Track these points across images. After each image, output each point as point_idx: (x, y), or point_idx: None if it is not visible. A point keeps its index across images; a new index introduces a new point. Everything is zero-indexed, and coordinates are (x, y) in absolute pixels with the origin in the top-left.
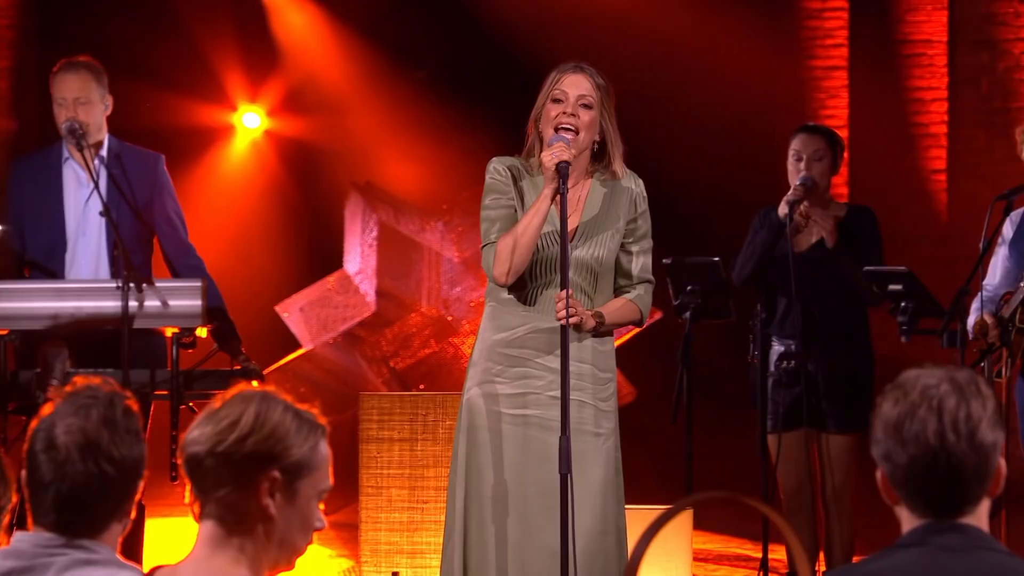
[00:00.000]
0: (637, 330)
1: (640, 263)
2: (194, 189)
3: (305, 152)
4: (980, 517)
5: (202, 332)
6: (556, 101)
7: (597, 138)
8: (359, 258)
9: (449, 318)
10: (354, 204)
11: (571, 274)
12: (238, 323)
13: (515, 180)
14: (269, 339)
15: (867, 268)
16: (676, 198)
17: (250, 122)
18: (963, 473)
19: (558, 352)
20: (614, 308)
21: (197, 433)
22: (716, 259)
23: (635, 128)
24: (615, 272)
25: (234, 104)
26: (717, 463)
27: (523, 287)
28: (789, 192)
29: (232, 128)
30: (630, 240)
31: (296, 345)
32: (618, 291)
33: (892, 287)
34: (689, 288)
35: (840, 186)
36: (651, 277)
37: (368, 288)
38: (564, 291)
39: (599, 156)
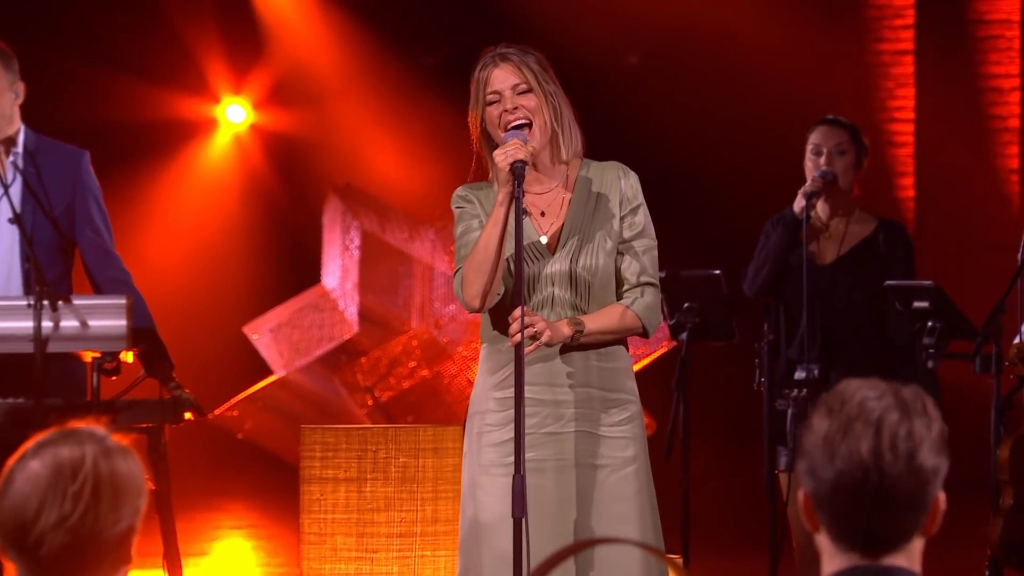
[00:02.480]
0: (652, 357)
1: (637, 265)
2: (168, 189)
3: (294, 148)
4: (912, 557)
5: (127, 356)
6: (492, 103)
7: (551, 120)
8: (339, 271)
9: (443, 340)
10: (333, 210)
11: (556, 289)
12: (205, 344)
13: (481, 203)
14: (240, 363)
15: (889, 283)
16: (718, 207)
17: (234, 115)
18: (896, 498)
19: (552, 382)
20: (600, 313)
21: (57, 514)
22: (716, 272)
23: (670, 127)
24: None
25: (217, 96)
26: (719, 503)
27: (507, 315)
28: (806, 184)
29: (215, 122)
30: (625, 241)
31: (270, 370)
32: (620, 299)
33: (917, 304)
34: (686, 305)
35: (907, 188)
36: (654, 280)
37: (349, 306)
38: (519, 308)
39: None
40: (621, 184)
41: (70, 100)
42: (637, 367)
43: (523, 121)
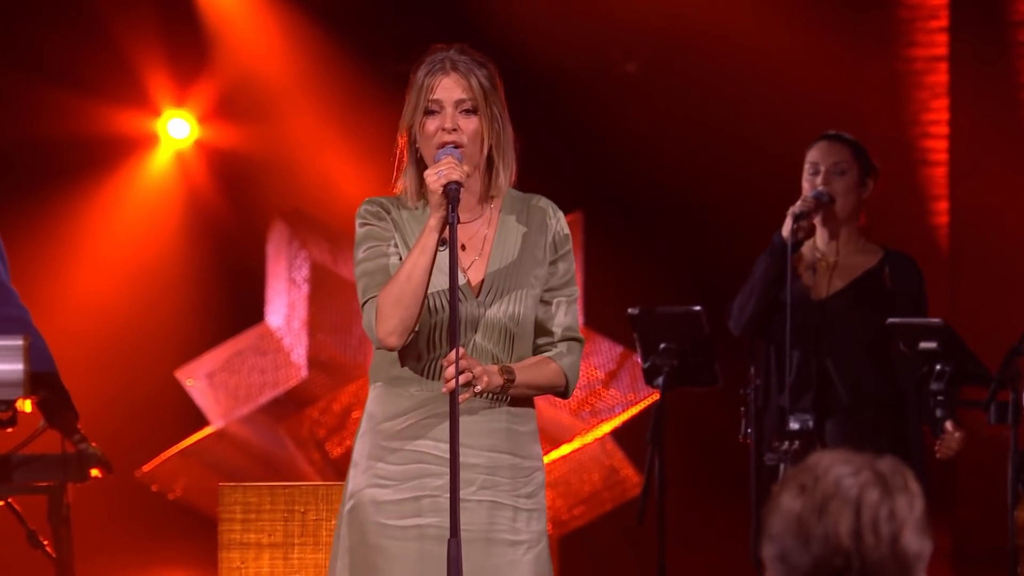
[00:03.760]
0: (641, 406)
1: (562, 317)
2: (100, 212)
3: (243, 167)
4: None
5: (25, 405)
6: (431, 113)
7: (491, 147)
8: (284, 308)
9: None
10: (278, 238)
11: (477, 337)
12: (132, 390)
13: (394, 222)
14: (172, 412)
15: (892, 320)
16: (722, 232)
17: (176, 130)
18: None
19: (460, 441)
20: (529, 364)
21: None
22: (697, 308)
23: (671, 142)
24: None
25: (157, 108)
26: (699, 571)
27: (418, 359)
28: (796, 204)
29: (155, 137)
30: (549, 289)
31: (206, 421)
32: (537, 352)
33: (924, 345)
34: (663, 346)
35: (941, 214)
36: (578, 335)
37: (295, 347)
38: (454, 350)
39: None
40: (551, 224)
41: None
42: (625, 416)
43: (457, 144)
